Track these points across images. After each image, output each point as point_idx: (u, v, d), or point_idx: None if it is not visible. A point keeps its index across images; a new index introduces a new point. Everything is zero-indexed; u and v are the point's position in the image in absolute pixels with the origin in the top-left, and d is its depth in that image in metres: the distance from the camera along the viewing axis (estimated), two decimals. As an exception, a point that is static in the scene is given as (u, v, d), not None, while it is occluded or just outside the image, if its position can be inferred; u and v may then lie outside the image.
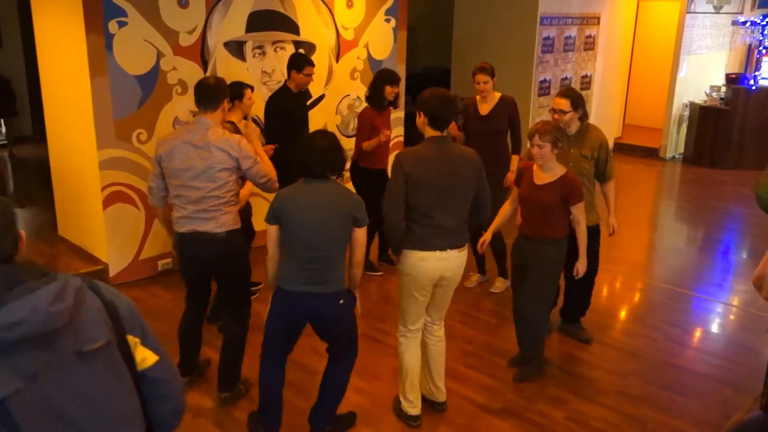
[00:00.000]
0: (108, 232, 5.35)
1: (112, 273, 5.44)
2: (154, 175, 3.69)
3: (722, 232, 7.42)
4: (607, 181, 4.50)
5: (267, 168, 3.75)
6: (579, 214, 3.93)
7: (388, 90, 5.30)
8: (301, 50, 6.18)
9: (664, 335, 4.84)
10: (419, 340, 3.66)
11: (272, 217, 3.27)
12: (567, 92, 4.31)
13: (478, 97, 5.25)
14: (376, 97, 5.34)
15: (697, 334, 4.98)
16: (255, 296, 4.99)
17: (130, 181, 5.37)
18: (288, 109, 5.26)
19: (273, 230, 3.30)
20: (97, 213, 5.37)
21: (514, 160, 5.18)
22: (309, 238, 3.20)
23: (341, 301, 3.30)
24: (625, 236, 7.07)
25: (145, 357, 1.67)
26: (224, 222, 3.64)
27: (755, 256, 6.63)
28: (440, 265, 3.42)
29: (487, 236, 4.19)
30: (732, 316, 5.30)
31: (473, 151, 3.50)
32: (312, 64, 5.37)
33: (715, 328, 5.10)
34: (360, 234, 3.30)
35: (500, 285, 5.49)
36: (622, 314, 5.28)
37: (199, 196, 3.57)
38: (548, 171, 3.91)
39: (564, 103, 4.24)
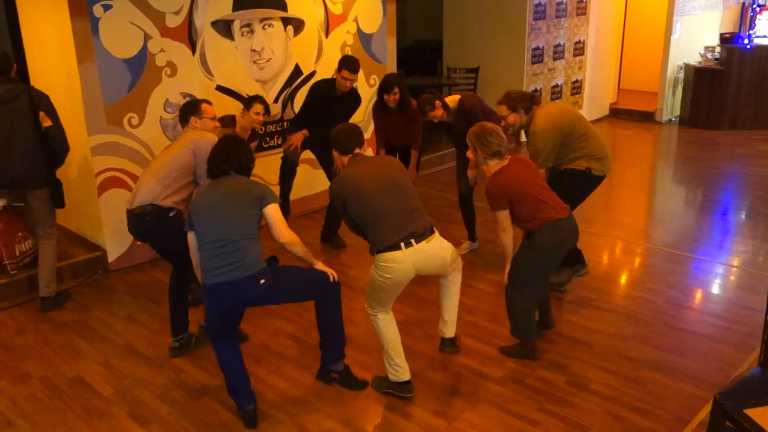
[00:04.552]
0: (104, 219, 5.35)
1: (111, 259, 5.45)
2: None
3: (720, 194, 7.41)
4: None
5: None
6: (498, 220, 3.87)
7: (386, 98, 5.48)
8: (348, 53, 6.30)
9: (664, 298, 4.85)
10: (392, 315, 3.68)
11: (188, 224, 3.42)
12: (503, 99, 4.46)
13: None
14: (380, 102, 5.60)
15: (697, 295, 4.99)
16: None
17: (124, 166, 5.35)
18: (318, 96, 5.62)
19: (190, 237, 3.45)
20: (92, 199, 5.36)
21: None
22: (213, 223, 3.29)
23: (262, 281, 3.29)
24: (623, 201, 7.08)
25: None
26: (145, 196, 3.93)
27: (754, 216, 6.64)
28: (410, 262, 3.42)
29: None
30: (732, 277, 5.31)
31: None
32: (352, 70, 5.41)
33: (714, 289, 5.11)
34: (271, 210, 3.37)
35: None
36: (622, 279, 5.29)
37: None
38: None
39: (502, 109, 4.40)
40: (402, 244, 3.38)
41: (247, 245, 3.28)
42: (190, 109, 4.23)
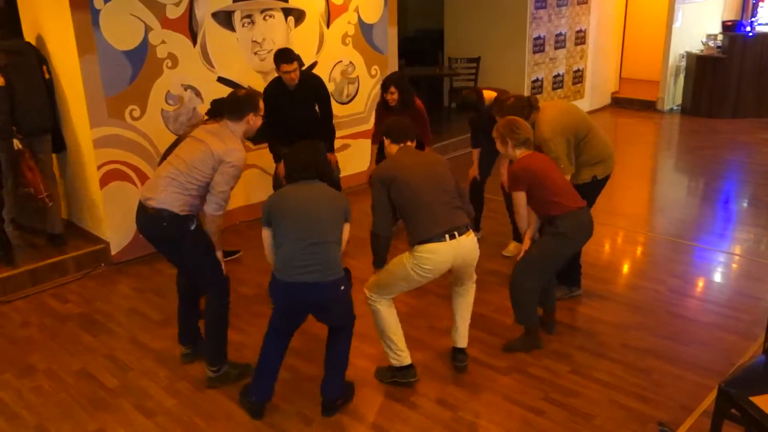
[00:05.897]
0: (107, 211, 5.35)
1: (113, 251, 5.45)
2: None
3: (722, 182, 7.40)
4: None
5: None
6: (514, 201, 3.99)
7: (385, 96, 5.50)
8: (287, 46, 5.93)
9: (667, 287, 4.86)
10: (392, 301, 3.73)
11: (265, 220, 3.41)
12: (495, 109, 4.47)
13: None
14: (383, 99, 5.61)
15: (700, 284, 5.00)
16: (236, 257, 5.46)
17: (126, 158, 5.34)
18: (271, 99, 5.27)
19: (267, 233, 3.43)
20: (95, 192, 5.36)
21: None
22: (304, 221, 3.30)
23: (342, 288, 3.37)
24: (625, 190, 7.07)
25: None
26: (163, 200, 3.53)
27: (756, 204, 6.63)
28: (451, 255, 3.49)
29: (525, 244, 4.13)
30: (734, 265, 5.31)
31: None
32: (288, 62, 5.17)
33: (717, 277, 5.12)
34: (347, 228, 3.49)
35: (513, 249, 5.47)
36: (624, 268, 5.29)
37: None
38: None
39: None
40: (446, 236, 3.45)
41: (334, 249, 3.35)
42: (250, 104, 3.66)
